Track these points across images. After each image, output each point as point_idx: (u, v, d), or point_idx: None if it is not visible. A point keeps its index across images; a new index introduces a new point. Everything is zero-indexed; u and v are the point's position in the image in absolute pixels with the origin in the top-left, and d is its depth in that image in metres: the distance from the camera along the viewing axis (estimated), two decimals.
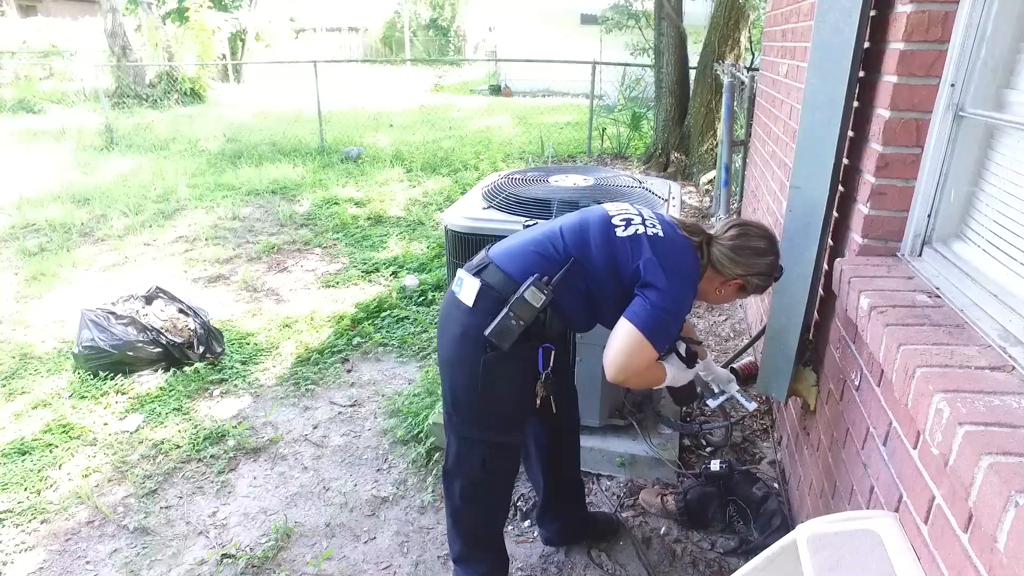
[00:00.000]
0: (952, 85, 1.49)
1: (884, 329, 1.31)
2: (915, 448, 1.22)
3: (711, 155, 7.30)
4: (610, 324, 1.70)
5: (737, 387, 2.04)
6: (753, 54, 7.47)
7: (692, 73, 8.01)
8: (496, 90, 18.54)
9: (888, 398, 1.39)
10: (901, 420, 1.30)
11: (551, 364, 1.69)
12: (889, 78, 1.60)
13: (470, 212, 2.44)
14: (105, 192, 6.95)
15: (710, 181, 6.94)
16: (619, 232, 1.64)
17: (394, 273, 4.75)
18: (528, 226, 2.15)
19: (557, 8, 18.49)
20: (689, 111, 7.96)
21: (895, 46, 1.57)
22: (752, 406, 2.00)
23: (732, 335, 3.76)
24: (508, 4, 19.32)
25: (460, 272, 1.72)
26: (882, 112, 1.62)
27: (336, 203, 6.54)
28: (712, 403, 2.05)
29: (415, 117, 12.42)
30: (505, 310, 1.57)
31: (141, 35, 15.47)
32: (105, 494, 2.52)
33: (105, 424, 2.95)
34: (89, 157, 8.75)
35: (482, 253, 1.74)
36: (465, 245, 2.43)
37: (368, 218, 6.09)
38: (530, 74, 17.72)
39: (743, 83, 4.97)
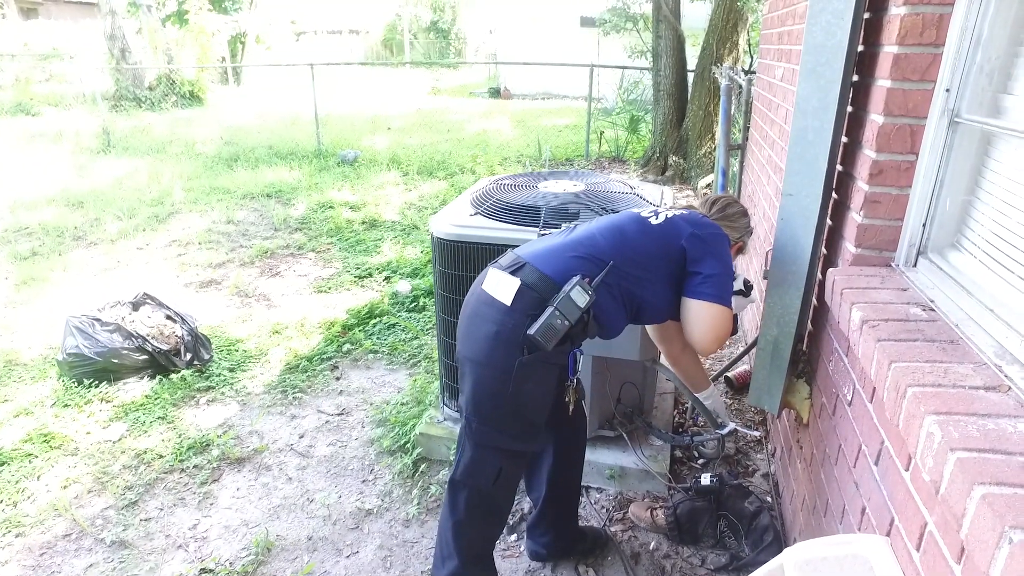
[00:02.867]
0: (947, 90, 1.44)
1: (876, 345, 1.25)
2: (907, 470, 1.16)
3: (709, 159, 7.25)
4: (649, 319, 1.84)
5: (734, 422, 2.07)
6: (752, 57, 7.43)
7: (690, 76, 7.97)
8: (495, 93, 18.50)
9: (880, 416, 1.33)
10: (893, 440, 1.25)
11: (579, 368, 1.73)
12: (883, 82, 1.55)
13: (457, 219, 2.39)
14: (100, 195, 6.92)
15: (708, 185, 6.89)
16: (652, 222, 1.77)
17: (387, 278, 4.70)
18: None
19: (557, 11, 18.47)
20: (687, 114, 7.92)
21: (889, 49, 1.52)
22: (756, 434, 1.98)
23: (728, 342, 3.71)
24: (508, 6, 19.31)
25: (491, 271, 1.70)
26: (875, 117, 1.57)
27: (331, 207, 6.49)
28: (721, 432, 2.04)
29: (413, 120, 12.39)
30: (551, 309, 1.56)
31: (142, 38, 15.45)
32: (84, 506, 2.47)
33: (88, 433, 2.90)
34: (85, 160, 8.72)
35: (510, 254, 1.74)
36: (453, 253, 2.38)
37: (363, 222, 6.04)
38: (529, 77, 17.69)
39: (741, 87, 4.92)
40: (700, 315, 1.69)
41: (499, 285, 1.63)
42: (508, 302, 1.60)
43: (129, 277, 4.81)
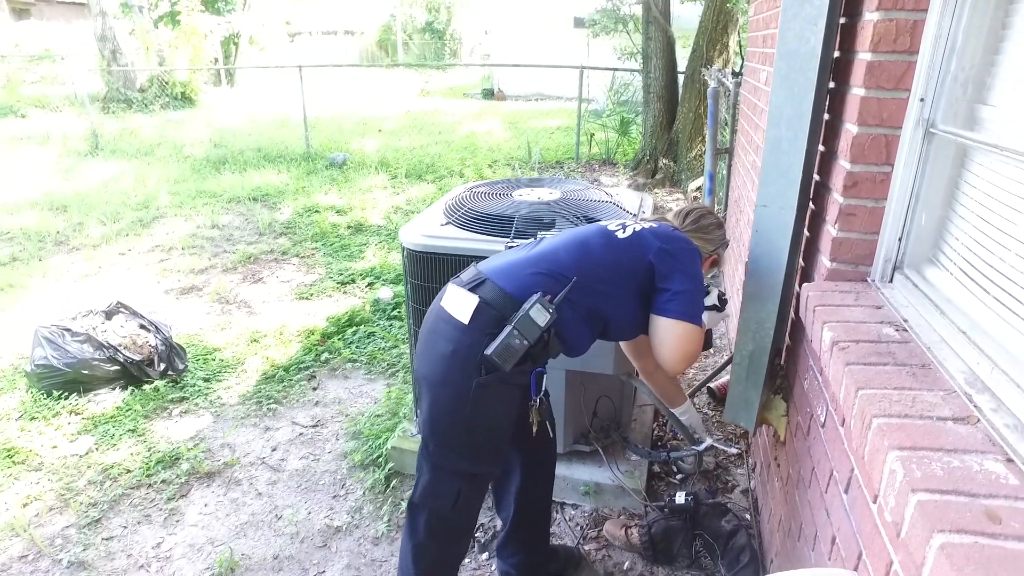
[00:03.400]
0: (922, 99, 1.38)
1: (844, 369, 1.19)
2: (874, 503, 1.10)
3: (699, 161, 7.19)
4: (617, 336, 1.76)
5: (711, 438, 2.01)
6: (742, 59, 7.37)
7: (681, 78, 7.91)
8: (489, 94, 18.42)
9: (850, 442, 1.27)
10: (862, 469, 1.19)
11: (543, 389, 1.64)
12: (857, 90, 1.49)
13: (428, 229, 2.32)
14: (84, 199, 6.84)
15: (698, 188, 6.83)
16: (619, 235, 1.69)
17: (370, 284, 4.63)
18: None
19: (551, 11, 18.41)
20: (677, 117, 7.86)
21: (863, 56, 1.46)
22: (734, 450, 1.93)
23: (713, 350, 3.65)
24: (503, 7, 19.25)
25: (450, 287, 1.63)
26: (850, 127, 1.51)
27: (317, 211, 6.42)
28: (698, 448, 1.98)
29: (404, 122, 12.31)
30: (509, 328, 1.48)
31: (135, 39, 15.34)
32: (44, 524, 2.39)
33: (54, 447, 2.83)
34: (72, 163, 8.64)
35: (472, 269, 1.67)
36: (424, 264, 2.31)
37: (348, 226, 5.97)
38: (523, 78, 17.62)
39: (728, 89, 4.86)
40: (668, 333, 1.62)
41: (457, 302, 1.56)
42: (466, 320, 1.53)
43: (109, 283, 4.74)
